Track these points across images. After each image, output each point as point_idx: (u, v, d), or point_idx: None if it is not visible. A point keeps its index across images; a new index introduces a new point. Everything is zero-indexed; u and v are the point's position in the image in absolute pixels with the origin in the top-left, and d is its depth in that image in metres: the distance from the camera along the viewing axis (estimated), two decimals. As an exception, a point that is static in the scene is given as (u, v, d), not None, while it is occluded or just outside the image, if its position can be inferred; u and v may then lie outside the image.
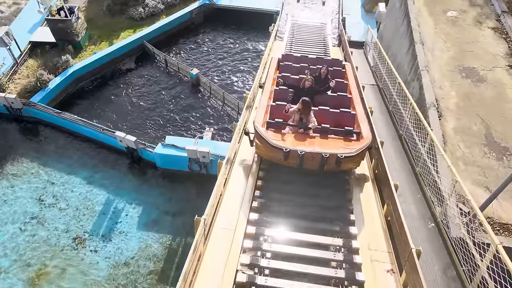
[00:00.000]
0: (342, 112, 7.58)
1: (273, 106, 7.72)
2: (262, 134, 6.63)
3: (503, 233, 6.47)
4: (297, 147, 6.29)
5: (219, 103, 16.83)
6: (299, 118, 6.92)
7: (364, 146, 6.47)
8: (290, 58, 10.44)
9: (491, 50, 10.81)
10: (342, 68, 9.97)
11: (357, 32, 17.76)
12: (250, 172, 7.32)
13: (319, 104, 7.77)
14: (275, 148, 6.26)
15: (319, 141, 6.66)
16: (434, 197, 6.94)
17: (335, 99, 8.22)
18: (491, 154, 7.98)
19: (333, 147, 6.47)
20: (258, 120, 7.02)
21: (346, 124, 7.27)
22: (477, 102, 9.24)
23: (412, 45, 11.19)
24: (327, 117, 7.40)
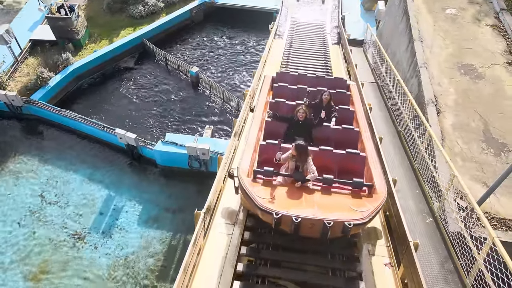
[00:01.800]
0: (349, 154, 6.07)
1: (263, 146, 6.19)
2: (247, 189, 5.14)
3: (501, 227, 6.52)
4: (292, 209, 4.74)
5: (218, 101, 16.88)
6: (295, 166, 5.37)
7: (379, 207, 5.01)
8: (285, 78, 8.90)
9: (490, 47, 10.86)
10: (347, 90, 8.44)
11: (357, 30, 17.80)
12: None
13: (320, 141, 6.45)
14: (263, 211, 4.78)
15: (321, 199, 5.15)
16: (432, 192, 7.00)
17: (339, 134, 6.77)
18: (489, 150, 8.03)
19: (339, 208, 5.00)
20: (243, 166, 5.56)
21: (354, 169, 5.97)
22: (475, 98, 9.29)
23: (411, 42, 11.23)
24: (330, 160, 6.03)
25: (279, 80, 8.73)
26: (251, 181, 5.34)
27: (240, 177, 5.41)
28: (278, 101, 7.46)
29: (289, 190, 5.27)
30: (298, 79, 8.79)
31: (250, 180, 5.35)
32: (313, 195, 5.23)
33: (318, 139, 6.55)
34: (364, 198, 5.26)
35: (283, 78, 8.83)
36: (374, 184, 5.39)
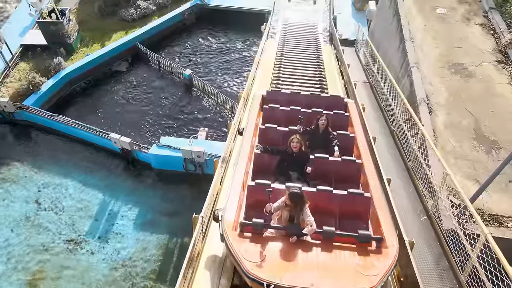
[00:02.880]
0: (352, 196, 5.16)
1: (251, 187, 5.24)
2: (233, 248, 4.33)
3: (493, 224, 6.64)
4: (287, 275, 3.94)
5: (212, 103, 16.91)
6: (289, 216, 4.57)
7: (391, 267, 4.21)
8: (276, 97, 8.12)
9: (480, 46, 11.03)
10: (345, 110, 7.69)
11: (348, 31, 17.94)
12: None
13: (317, 177, 5.77)
14: (251, 279, 3.97)
15: (321, 258, 4.31)
16: (426, 190, 7.10)
17: (338, 167, 5.97)
18: (480, 148, 8.17)
19: (343, 271, 4.16)
20: (228, 216, 4.72)
21: (358, 212, 5.13)
22: (466, 97, 9.43)
23: (402, 42, 11.36)
24: (330, 202, 5.16)
25: (269, 99, 7.97)
26: (237, 235, 4.50)
27: (224, 230, 4.58)
28: (268, 127, 6.72)
29: (283, 246, 4.40)
30: (291, 98, 8.02)
31: (236, 234, 4.51)
32: (311, 252, 4.37)
33: (316, 176, 5.78)
34: (372, 254, 4.42)
35: (274, 98, 8.05)
36: (383, 236, 4.57)
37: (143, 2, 20.82)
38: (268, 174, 5.84)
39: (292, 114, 7.13)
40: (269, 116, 7.39)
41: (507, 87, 9.70)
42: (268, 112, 7.49)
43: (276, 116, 7.33)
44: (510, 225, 6.60)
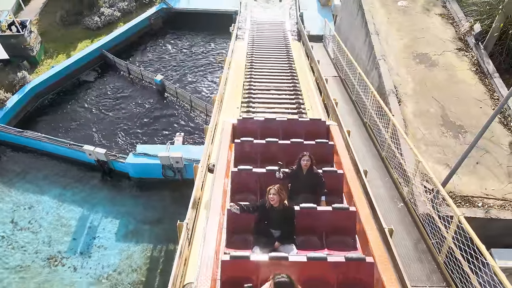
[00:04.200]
0: (351, 262, 4.22)
1: (226, 262, 4.23)
2: None
3: (465, 204, 7.00)
4: None
5: (187, 107, 16.80)
6: None
7: None
8: (248, 126, 7.02)
9: (440, 36, 11.52)
10: (328, 137, 6.79)
11: (316, 26, 18.25)
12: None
13: (305, 230, 4.94)
14: None
15: None
16: (401, 178, 7.38)
17: (329, 218, 4.98)
18: (448, 133, 8.56)
19: None
20: None
21: (359, 280, 4.22)
22: (431, 85, 9.84)
23: (368, 36, 11.70)
24: (325, 272, 4.23)
25: (241, 130, 6.94)
26: None
27: None
28: (242, 169, 5.72)
29: None
30: (265, 126, 7.03)
31: None
32: None
33: (302, 226, 4.86)
34: None
35: (246, 127, 7.01)
36: None
37: (107, 9, 20.39)
38: (246, 233, 4.97)
39: (269, 149, 6.23)
40: (242, 153, 6.37)
41: (468, 73, 10.20)
42: (241, 149, 6.40)
43: (250, 152, 6.34)
44: (480, 205, 6.98)
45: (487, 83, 9.91)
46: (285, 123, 7.14)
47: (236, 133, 6.90)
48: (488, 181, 7.52)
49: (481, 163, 7.88)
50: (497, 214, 6.85)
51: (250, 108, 9.75)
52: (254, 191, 5.73)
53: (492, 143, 8.35)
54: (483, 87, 9.80)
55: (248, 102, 10.19)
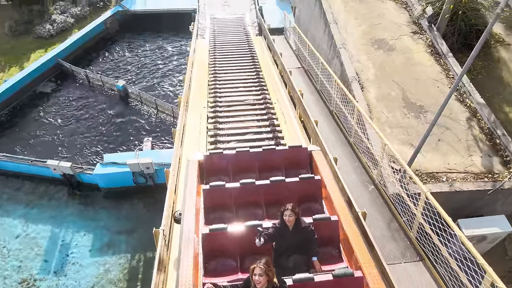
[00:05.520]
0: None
1: None
2: None
3: (430, 181, 7.30)
4: None
5: (152, 111, 16.45)
6: None
7: None
8: (218, 162, 5.94)
9: (396, 20, 11.88)
10: (311, 170, 5.92)
11: (275, 19, 18.34)
12: None
13: None
14: None
15: None
16: (370, 162, 7.58)
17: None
18: (410, 114, 8.87)
19: None
20: None
21: None
22: (391, 70, 10.15)
23: (327, 25, 11.89)
24: None
25: (209, 167, 5.87)
26: None
27: None
28: (215, 230, 4.53)
29: None
30: (238, 160, 5.92)
31: None
32: None
33: None
34: None
35: (215, 164, 5.91)
36: None
37: (59, 16, 19.56)
38: None
39: (244, 192, 5.21)
40: (213, 205, 5.24)
41: (424, 55, 10.59)
42: (211, 197, 5.25)
43: (223, 198, 5.24)
44: (444, 179, 7.30)
45: (442, 63, 10.34)
46: (261, 155, 6.03)
47: (204, 171, 5.86)
48: (450, 156, 7.87)
49: (443, 140, 8.24)
50: (460, 187, 7.20)
51: (217, 108, 9.65)
52: (233, 253, 4.58)
53: (451, 120, 8.74)
54: (439, 67, 10.21)
55: (215, 100, 10.10)
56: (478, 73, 11.68)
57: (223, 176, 5.76)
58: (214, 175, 5.79)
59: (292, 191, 5.18)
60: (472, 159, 7.86)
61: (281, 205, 4.48)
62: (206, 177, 5.87)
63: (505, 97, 11.13)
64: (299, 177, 5.31)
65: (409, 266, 5.68)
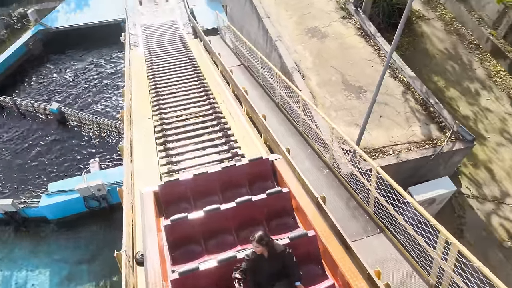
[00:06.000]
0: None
1: None
2: None
3: (379, 156, 7.69)
4: None
5: (95, 130, 15.63)
6: None
7: None
8: (176, 190, 5.39)
9: (324, 8, 12.31)
10: (277, 182, 5.62)
11: (208, 20, 18.20)
12: None
13: None
14: None
15: None
16: (321, 147, 7.80)
17: None
18: (351, 96, 9.26)
19: None
20: None
21: None
22: (327, 55, 10.51)
23: (260, 21, 12.02)
24: None
25: (166, 198, 5.34)
26: None
27: None
28: (185, 273, 4.03)
29: None
30: (197, 186, 5.43)
31: None
32: None
33: None
34: None
35: (172, 193, 5.35)
36: None
37: (-29, 42, 17.87)
38: None
39: (211, 220, 4.72)
40: (177, 239, 4.67)
41: (355, 38, 11.09)
42: (173, 232, 4.66)
43: (189, 236, 4.70)
44: (391, 152, 7.73)
45: (372, 43, 10.90)
46: (221, 174, 5.55)
47: (161, 202, 5.35)
48: (393, 130, 8.35)
49: (384, 116, 8.71)
50: (406, 157, 7.67)
51: (164, 119, 9.29)
52: None
53: (388, 95, 9.26)
54: (370, 48, 10.76)
55: (159, 110, 9.78)
56: (406, 49, 12.49)
57: (183, 204, 5.30)
58: (173, 205, 5.28)
59: (261, 209, 4.85)
60: (412, 129, 8.40)
61: (252, 226, 4.26)
62: (165, 208, 5.33)
63: (432, 68, 12.01)
64: (266, 193, 4.95)
65: (372, 239, 5.94)
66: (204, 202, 5.16)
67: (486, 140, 10.28)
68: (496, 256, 8.07)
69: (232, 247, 4.65)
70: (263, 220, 4.91)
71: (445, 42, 12.68)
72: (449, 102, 11.10)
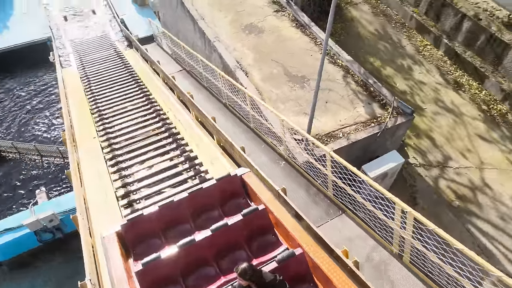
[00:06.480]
0: None
1: None
2: None
3: (330, 140, 7.96)
4: None
5: (36, 158, 14.59)
6: None
7: None
8: (142, 227, 4.84)
9: (257, 4, 12.44)
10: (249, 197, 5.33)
11: (142, 29, 17.69)
12: None
13: None
14: None
15: None
16: (275, 140, 7.89)
17: None
18: (296, 86, 9.47)
19: None
20: None
21: None
22: (267, 50, 10.64)
23: (195, 23, 11.88)
24: None
25: (132, 239, 4.80)
26: None
27: None
28: None
29: None
30: (165, 218, 4.93)
31: None
32: None
33: None
34: None
35: (139, 232, 4.81)
36: None
37: None
38: None
39: (188, 254, 4.31)
40: (153, 283, 4.23)
41: (291, 30, 11.34)
42: (147, 276, 4.18)
43: (165, 276, 4.28)
44: (341, 135, 8.02)
45: (308, 33, 11.21)
46: (188, 200, 5.07)
47: (127, 244, 4.80)
48: (340, 114, 8.67)
49: (330, 101, 9.01)
50: (355, 137, 8.00)
51: (110, 137, 8.83)
52: None
53: (331, 81, 9.59)
54: (306, 37, 11.05)
55: (103, 126, 9.32)
56: (340, 35, 13.02)
57: (152, 240, 4.78)
58: (141, 243, 4.77)
59: (239, 232, 4.52)
60: (357, 110, 8.78)
61: (232, 252, 4.03)
62: (132, 248, 4.81)
63: (366, 50, 12.63)
64: (241, 214, 4.57)
65: (335, 221, 6.14)
66: (175, 234, 4.74)
67: (424, 111, 11.04)
68: (447, 216, 8.71)
69: (216, 280, 4.27)
70: (243, 243, 4.56)
71: (374, 24, 13.39)
72: (387, 80, 11.75)
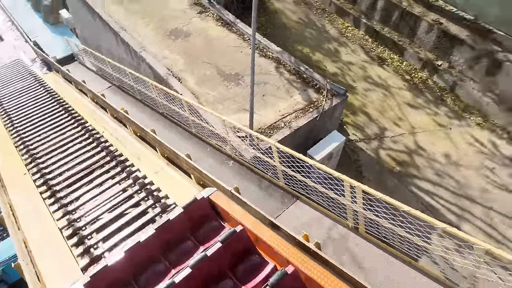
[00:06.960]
0: None
1: None
2: None
3: (274, 132, 8.07)
4: None
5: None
6: None
7: None
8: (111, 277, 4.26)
9: (179, 7, 12.21)
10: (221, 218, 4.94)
11: (59, 48, 16.56)
12: None
13: None
14: None
15: None
16: (219, 141, 7.82)
17: None
18: (231, 84, 9.45)
19: None
20: None
21: None
22: (196, 53, 10.50)
23: (117, 35, 11.37)
24: None
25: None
26: None
27: None
28: None
29: None
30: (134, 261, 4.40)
31: None
32: None
33: None
34: None
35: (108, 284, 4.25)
36: None
37: None
38: None
39: None
40: None
41: (218, 29, 11.30)
42: None
43: None
44: (283, 125, 8.16)
45: (235, 30, 11.23)
46: (158, 236, 4.56)
47: None
48: (278, 105, 8.82)
49: (267, 94, 9.13)
50: (296, 125, 8.19)
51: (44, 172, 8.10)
52: None
53: (264, 74, 9.72)
54: (234, 35, 11.08)
55: (33, 161, 8.55)
56: (267, 27, 13.24)
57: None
58: None
59: (221, 261, 4.23)
60: (294, 98, 8.99)
61: (217, 284, 3.79)
62: None
63: (293, 38, 12.99)
64: (220, 241, 4.22)
65: (291, 208, 6.24)
66: (150, 278, 4.29)
67: (356, 89, 11.62)
68: (391, 182, 9.28)
69: None
70: (227, 271, 4.25)
71: (297, 13, 13.80)
72: (317, 65, 12.19)
